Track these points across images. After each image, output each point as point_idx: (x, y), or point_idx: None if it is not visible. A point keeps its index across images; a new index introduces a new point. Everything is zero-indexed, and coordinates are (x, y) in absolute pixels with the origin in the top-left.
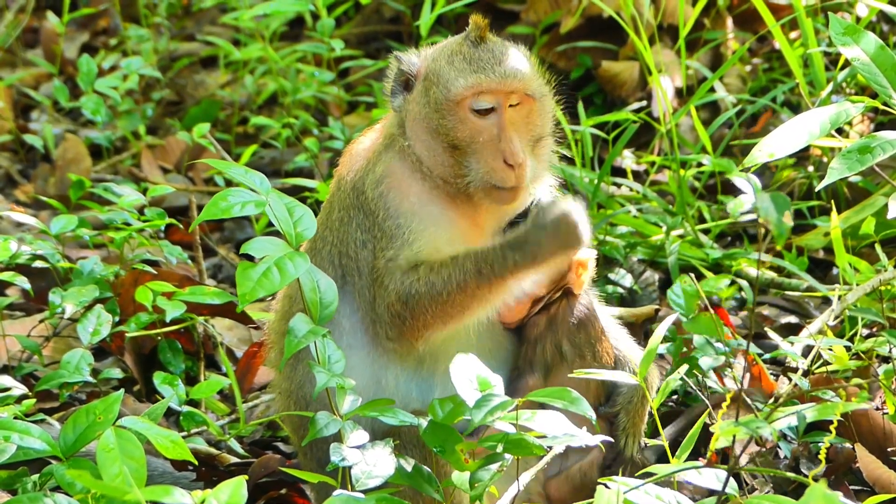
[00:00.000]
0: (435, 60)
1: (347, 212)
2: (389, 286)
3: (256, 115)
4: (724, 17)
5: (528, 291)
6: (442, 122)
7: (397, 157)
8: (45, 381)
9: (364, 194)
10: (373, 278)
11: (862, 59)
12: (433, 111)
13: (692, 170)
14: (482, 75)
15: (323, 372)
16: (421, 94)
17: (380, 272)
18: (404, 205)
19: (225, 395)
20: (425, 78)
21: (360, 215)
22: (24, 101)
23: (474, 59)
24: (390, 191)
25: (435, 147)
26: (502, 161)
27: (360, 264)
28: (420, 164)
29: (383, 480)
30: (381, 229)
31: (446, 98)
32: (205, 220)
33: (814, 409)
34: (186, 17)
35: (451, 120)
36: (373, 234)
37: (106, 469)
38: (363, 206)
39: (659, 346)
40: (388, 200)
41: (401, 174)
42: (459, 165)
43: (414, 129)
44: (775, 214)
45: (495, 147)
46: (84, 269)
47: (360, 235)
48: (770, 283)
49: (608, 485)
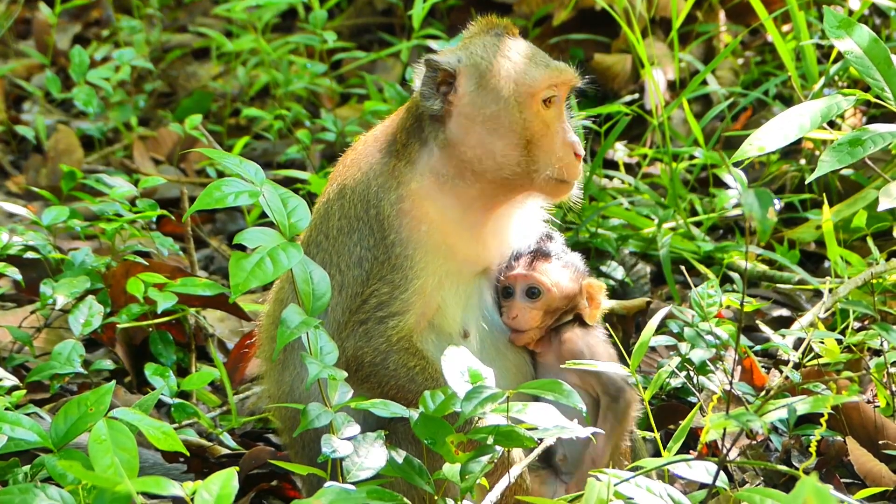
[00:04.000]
0: (488, 58)
1: (350, 222)
2: (349, 342)
3: (248, 107)
4: (717, 10)
5: (539, 294)
6: (517, 117)
7: (424, 172)
8: (37, 373)
9: (378, 209)
10: (345, 316)
11: (855, 52)
12: (503, 107)
13: (684, 162)
14: (554, 68)
15: (315, 363)
16: (475, 92)
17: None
18: (416, 233)
19: (216, 387)
20: (482, 75)
21: (365, 229)
22: (16, 91)
23: (537, 54)
24: (410, 212)
25: (498, 144)
26: (572, 153)
27: (346, 280)
28: (456, 171)
29: (375, 472)
30: (387, 254)
31: (519, 91)
32: (198, 209)
33: (805, 401)
34: (179, 8)
35: (526, 113)
36: (374, 255)
37: (97, 460)
38: (372, 222)
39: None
40: (403, 223)
41: (424, 193)
42: (531, 160)
43: (466, 129)
44: (759, 210)
45: (562, 139)
46: (75, 260)
47: (360, 251)
48: (762, 275)
49: (599, 477)
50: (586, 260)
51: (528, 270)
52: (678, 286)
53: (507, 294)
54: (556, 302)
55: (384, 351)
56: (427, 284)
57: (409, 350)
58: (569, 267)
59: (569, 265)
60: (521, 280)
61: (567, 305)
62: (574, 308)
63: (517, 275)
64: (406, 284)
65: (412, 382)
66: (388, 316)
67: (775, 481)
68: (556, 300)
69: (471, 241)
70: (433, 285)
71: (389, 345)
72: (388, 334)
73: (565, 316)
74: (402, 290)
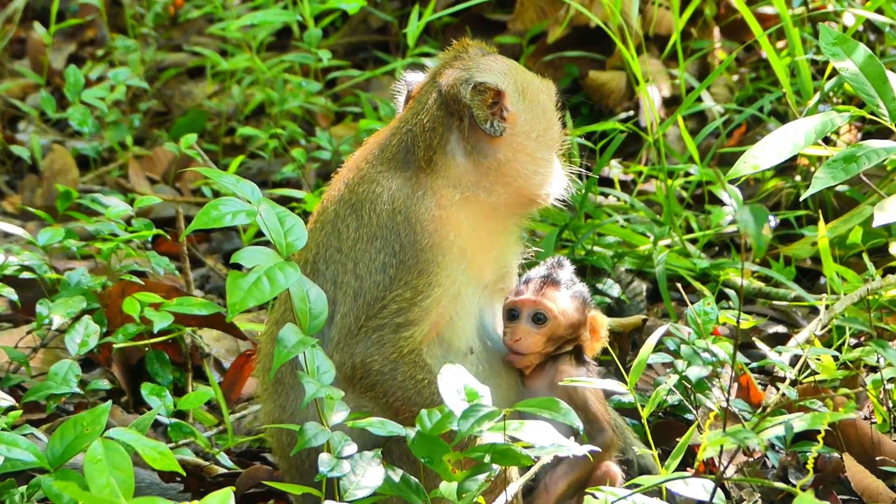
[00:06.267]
0: (518, 75)
1: (371, 231)
2: (359, 347)
3: (244, 126)
4: (711, 27)
5: (545, 319)
6: (559, 130)
7: (452, 183)
8: (33, 393)
9: (406, 215)
10: (358, 322)
11: (850, 68)
12: (551, 122)
13: (679, 179)
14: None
15: (312, 382)
16: (525, 109)
17: (367, 330)
18: (446, 241)
19: (213, 406)
20: (522, 93)
21: (390, 236)
22: (11, 111)
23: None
24: (443, 217)
25: (549, 158)
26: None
27: (365, 286)
28: (487, 183)
29: (372, 491)
30: (416, 257)
31: (555, 104)
32: (195, 229)
33: (801, 418)
34: (173, 27)
35: (559, 125)
36: (400, 259)
37: (93, 480)
38: (399, 228)
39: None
40: (437, 230)
41: (453, 203)
42: (555, 174)
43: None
44: (754, 227)
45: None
46: (71, 280)
47: (383, 258)
48: (758, 292)
49: (595, 495)
50: (582, 278)
51: (538, 297)
52: (674, 303)
53: (513, 317)
54: (560, 330)
55: (394, 360)
56: (447, 294)
57: (418, 363)
58: (577, 297)
59: (577, 295)
60: (528, 305)
61: (570, 335)
62: (576, 339)
63: (525, 300)
64: (429, 291)
65: (419, 395)
66: (405, 324)
67: (772, 498)
68: (561, 328)
69: (483, 253)
70: (452, 294)
71: (400, 355)
72: (400, 344)
73: (566, 345)
74: (424, 296)
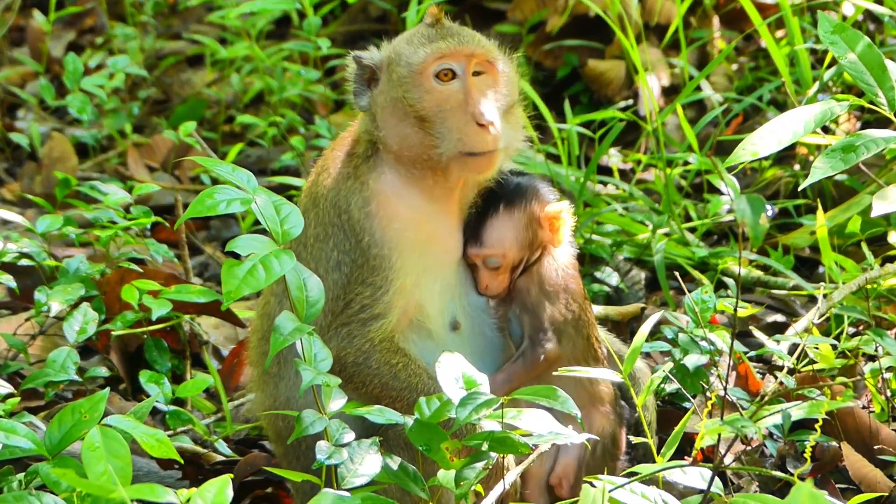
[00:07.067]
0: (394, 47)
1: (325, 229)
2: (332, 343)
3: (243, 114)
4: (711, 16)
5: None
6: (407, 97)
7: (384, 170)
8: (31, 380)
9: (348, 214)
10: (327, 319)
11: (849, 57)
12: (398, 89)
13: (678, 168)
14: (440, 42)
15: (309, 370)
16: (385, 81)
17: (336, 326)
18: (389, 232)
19: (211, 394)
20: (388, 65)
21: (339, 234)
22: (10, 99)
23: (432, 33)
24: (378, 213)
25: (405, 127)
26: (474, 124)
27: (327, 285)
28: (395, 158)
29: (370, 479)
30: (364, 256)
31: (409, 71)
32: (190, 217)
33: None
34: (173, 15)
35: (416, 92)
36: (352, 258)
37: (91, 468)
38: (345, 227)
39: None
40: (374, 224)
41: (389, 191)
42: (430, 137)
43: (384, 118)
44: (751, 216)
45: (464, 112)
46: (70, 267)
47: (337, 256)
48: (756, 281)
49: (593, 483)
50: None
51: (479, 249)
52: (672, 292)
53: (475, 268)
54: (515, 259)
55: (366, 351)
56: (407, 283)
57: (391, 349)
58: (514, 217)
59: (513, 213)
60: (477, 258)
61: (529, 250)
62: (539, 245)
63: (472, 254)
64: (387, 286)
65: (395, 379)
66: (371, 318)
67: (770, 487)
68: (515, 258)
69: (444, 231)
70: (412, 283)
71: (372, 345)
72: (371, 336)
73: (533, 254)
74: (383, 291)
